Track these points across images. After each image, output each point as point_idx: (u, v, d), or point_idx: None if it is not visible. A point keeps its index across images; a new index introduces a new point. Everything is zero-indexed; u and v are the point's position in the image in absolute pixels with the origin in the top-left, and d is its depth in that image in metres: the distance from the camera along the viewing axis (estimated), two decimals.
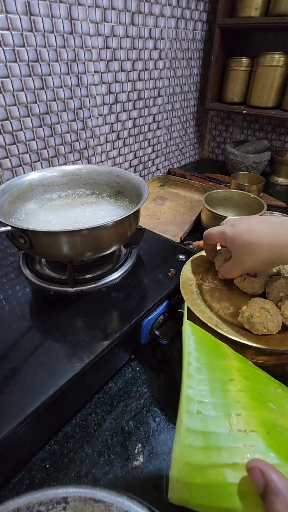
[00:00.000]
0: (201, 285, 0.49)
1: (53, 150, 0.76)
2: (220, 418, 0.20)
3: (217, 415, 0.20)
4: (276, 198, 0.95)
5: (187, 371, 0.23)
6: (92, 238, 0.45)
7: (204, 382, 0.22)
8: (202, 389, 0.22)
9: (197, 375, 0.23)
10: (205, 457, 0.17)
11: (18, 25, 0.59)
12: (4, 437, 0.30)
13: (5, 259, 0.56)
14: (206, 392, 0.22)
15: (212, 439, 0.19)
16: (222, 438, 0.19)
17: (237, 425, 0.20)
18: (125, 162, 0.99)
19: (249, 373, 0.25)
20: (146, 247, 0.60)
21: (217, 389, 0.22)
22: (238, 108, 1.06)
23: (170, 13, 0.88)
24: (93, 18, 0.70)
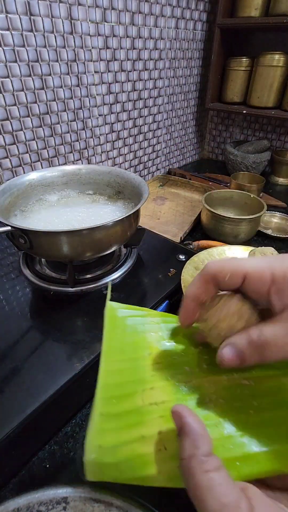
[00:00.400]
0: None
1: (53, 150, 0.76)
2: (134, 395, 0.21)
3: (131, 393, 0.21)
4: (276, 198, 0.95)
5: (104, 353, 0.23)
6: (92, 238, 0.45)
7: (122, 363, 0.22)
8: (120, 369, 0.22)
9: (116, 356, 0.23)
10: (116, 437, 0.18)
11: (18, 25, 0.59)
12: (4, 437, 0.30)
13: (5, 259, 0.56)
14: (124, 373, 0.22)
15: (123, 419, 0.19)
16: (133, 416, 0.20)
17: (149, 399, 0.21)
18: (125, 162, 0.99)
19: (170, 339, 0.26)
20: (146, 247, 0.60)
21: (135, 367, 0.22)
22: (238, 108, 1.06)
23: (170, 13, 0.88)
24: (93, 18, 0.70)
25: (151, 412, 0.20)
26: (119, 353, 0.23)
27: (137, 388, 0.21)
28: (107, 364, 0.22)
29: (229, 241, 0.71)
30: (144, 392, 0.21)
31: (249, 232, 0.72)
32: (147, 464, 0.18)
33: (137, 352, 0.23)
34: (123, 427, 0.19)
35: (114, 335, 0.24)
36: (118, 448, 0.18)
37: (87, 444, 0.18)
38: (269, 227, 0.82)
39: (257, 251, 0.53)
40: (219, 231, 0.71)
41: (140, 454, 0.18)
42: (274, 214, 0.87)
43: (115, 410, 0.20)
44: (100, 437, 0.18)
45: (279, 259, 0.20)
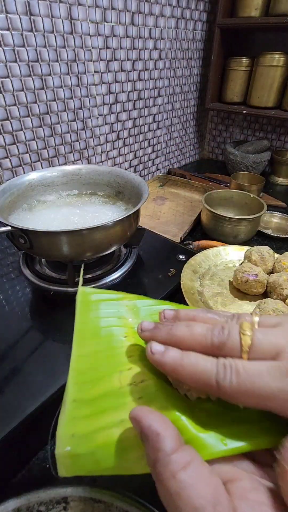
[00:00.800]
0: (202, 292, 0.49)
1: (53, 150, 0.76)
2: (111, 377, 0.19)
3: (107, 375, 0.19)
4: (276, 198, 0.95)
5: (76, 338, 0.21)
6: (92, 238, 0.45)
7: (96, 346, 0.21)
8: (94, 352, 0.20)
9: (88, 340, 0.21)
10: (91, 424, 0.17)
11: (18, 25, 0.59)
12: (4, 437, 0.30)
13: (5, 259, 0.56)
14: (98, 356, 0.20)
15: (99, 403, 0.18)
16: (110, 399, 0.18)
17: (126, 380, 0.19)
18: (125, 162, 0.99)
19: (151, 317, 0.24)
20: (146, 247, 0.60)
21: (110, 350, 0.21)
22: (238, 108, 1.06)
23: (170, 13, 0.88)
24: (93, 18, 0.70)
25: (130, 393, 0.18)
26: (92, 337, 0.22)
27: (114, 370, 0.20)
28: (79, 349, 0.20)
29: (229, 241, 0.71)
30: (122, 374, 0.19)
31: (249, 232, 0.72)
32: (127, 449, 0.16)
33: (112, 335, 0.22)
34: (99, 412, 0.17)
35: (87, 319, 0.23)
36: (93, 435, 0.16)
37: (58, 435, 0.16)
38: (269, 227, 0.82)
39: (253, 251, 0.53)
40: (219, 231, 0.71)
41: (119, 439, 0.16)
42: (274, 214, 0.87)
43: (90, 395, 0.18)
44: (73, 426, 0.17)
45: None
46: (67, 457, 0.16)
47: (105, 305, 0.24)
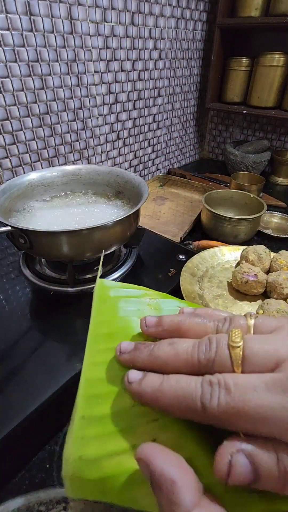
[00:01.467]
0: (203, 295, 0.49)
1: (53, 150, 0.76)
2: (121, 393, 0.17)
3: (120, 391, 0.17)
4: (276, 198, 0.95)
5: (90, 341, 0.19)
6: (92, 238, 0.45)
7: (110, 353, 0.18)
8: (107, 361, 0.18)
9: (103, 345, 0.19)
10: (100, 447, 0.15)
11: (18, 25, 0.59)
12: (4, 437, 0.30)
13: (5, 259, 0.56)
14: (111, 365, 0.18)
15: (110, 422, 0.16)
16: (122, 418, 0.16)
17: None
18: (125, 162, 0.99)
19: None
20: (146, 247, 0.60)
21: None
22: (238, 108, 1.06)
23: (170, 13, 0.88)
24: (93, 18, 0.70)
25: (143, 415, 0.16)
26: (107, 341, 0.19)
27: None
28: (91, 355, 0.18)
29: (229, 241, 0.71)
30: None
31: (249, 232, 0.72)
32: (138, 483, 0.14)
33: (127, 336, 0.19)
34: (108, 433, 0.15)
35: (103, 319, 0.20)
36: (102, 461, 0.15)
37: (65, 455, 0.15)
38: (269, 227, 0.82)
39: (249, 250, 0.53)
40: (219, 231, 0.71)
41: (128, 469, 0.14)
42: (274, 214, 0.87)
43: (100, 411, 0.16)
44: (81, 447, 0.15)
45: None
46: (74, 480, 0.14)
47: (125, 303, 0.21)
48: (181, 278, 0.50)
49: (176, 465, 0.13)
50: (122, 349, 0.17)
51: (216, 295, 0.49)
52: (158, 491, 0.12)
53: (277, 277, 0.47)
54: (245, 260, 0.52)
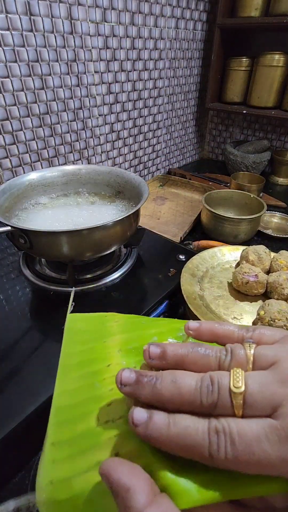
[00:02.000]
0: (203, 296, 0.49)
1: (53, 150, 0.76)
2: (90, 415, 0.18)
3: (87, 413, 0.18)
4: (276, 198, 0.95)
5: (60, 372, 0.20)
6: (92, 238, 0.45)
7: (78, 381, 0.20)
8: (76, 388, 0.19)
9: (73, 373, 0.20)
10: (70, 468, 0.16)
11: (18, 25, 0.59)
12: (4, 437, 0.30)
13: (5, 259, 0.56)
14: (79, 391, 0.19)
15: (78, 443, 0.17)
16: (88, 437, 0.17)
17: (105, 416, 0.18)
18: (125, 162, 0.99)
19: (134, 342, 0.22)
20: (146, 247, 0.60)
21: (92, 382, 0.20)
22: (238, 108, 1.06)
23: (170, 13, 0.88)
24: (93, 18, 0.70)
25: (107, 431, 0.17)
26: (76, 369, 0.20)
27: (93, 407, 0.18)
28: (61, 384, 0.19)
29: (229, 241, 0.71)
30: (101, 410, 0.18)
31: (249, 232, 0.72)
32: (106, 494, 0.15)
33: (95, 364, 0.21)
34: (77, 453, 0.16)
35: (72, 351, 0.22)
36: (72, 480, 0.16)
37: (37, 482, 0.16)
38: (269, 227, 0.82)
39: (249, 251, 0.53)
40: (219, 231, 0.71)
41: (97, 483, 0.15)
42: (274, 214, 0.87)
43: (68, 435, 0.17)
44: (51, 471, 0.16)
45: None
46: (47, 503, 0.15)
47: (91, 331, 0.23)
48: (182, 279, 0.50)
49: (131, 474, 0.14)
50: (123, 381, 0.17)
51: (217, 296, 0.49)
52: (116, 498, 0.14)
53: (277, 278, 0.47)
54: (245, 260, 0.52)
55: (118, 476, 0.14)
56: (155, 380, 0.16)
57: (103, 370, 0.20)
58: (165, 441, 0.15)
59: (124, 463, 0.14)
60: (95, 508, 0.15)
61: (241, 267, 0.49)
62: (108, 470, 0.14)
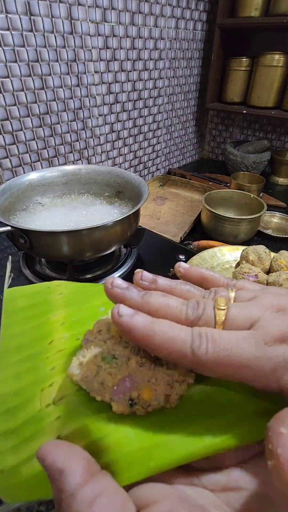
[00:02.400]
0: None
1: (53, 150, 0.76)
2: (33, 399, 0.17)
3: (30, 398, 0.17)
4: (276, 198, 0.95)
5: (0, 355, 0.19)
6: (92, 238, 0.45)
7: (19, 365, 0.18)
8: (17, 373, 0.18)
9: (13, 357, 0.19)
10: (17, 456, 0.16)
11: (18, 25, 0.59)
12: None
13: (5, 259, 0.56)
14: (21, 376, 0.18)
15: (22, 430, 0.16)
16: (32, 423, 0.16)
17: (47, 399, 0.17)
18: (125, 162, 0.99)
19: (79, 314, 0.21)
20: (146, 247, 0.60)
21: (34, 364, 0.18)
22: (238, 108, 1.06)
23: (170, 13, 0.88)
24: (93, 18, 0.70)
25: (48, 415, 0.16)
26: (16, 353, 0.19)
27: (36, 390, 0.17)
28: (1, 372, 0.18)
29: (229, 241, 0.71)
30: (43, 392, 0.17)
31: (249, 232, 0.72)
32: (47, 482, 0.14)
33: (37, 344, 0.19)
34: (23, 441, 0.16)
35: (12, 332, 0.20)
36: (20, 468, 0.15)
37: None
38: (269, 227, 0.82)
39: (249, 250, 0.53)
40: (219, 231, 0.71)
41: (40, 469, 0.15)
42: (274, 214, 0.87)
43: (14, 423, 0.16)
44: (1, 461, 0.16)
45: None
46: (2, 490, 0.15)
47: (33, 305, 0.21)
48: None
49: (66, 455, 0.13)
50: (115, 284, 0.17)
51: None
52: (51, 482, 0.13)
53: (277, 278, 0.47)
54: (245, 260, 0.52)
55: (52, 459, 0.13)
56: (144, 292, 0.17)
57: (46, 349, 0.19)
58: (148, 334, 0.15)
59: (61, 445, 0.14)
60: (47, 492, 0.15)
61: (241, 267, 0.49)
62: (43, 453, 0.14)
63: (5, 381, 0.18)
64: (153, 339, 0.15)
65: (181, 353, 0.15)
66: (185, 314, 0.16)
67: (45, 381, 0.17)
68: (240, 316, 0.16)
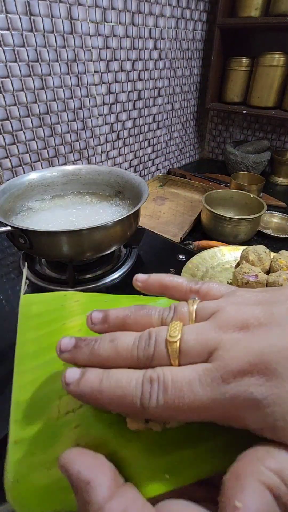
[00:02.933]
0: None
1: (53, 150, 0.76)
2: (50, 406, 0.17)
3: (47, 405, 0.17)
4: (276, 198, 0.95)
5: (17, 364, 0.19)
6: (92, 238, 0.45)
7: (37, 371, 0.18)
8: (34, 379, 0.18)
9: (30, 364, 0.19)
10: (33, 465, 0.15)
11: (18, 25, 0.59)
12: (4, 437, 0.30)
13: (5, 259, 0.56)
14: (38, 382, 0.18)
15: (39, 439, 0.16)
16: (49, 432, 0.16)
17: (65, 407, 0.16)
18: (125, 162, 0.99)
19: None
20: (146, 247, 0.60)
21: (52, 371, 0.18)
22: (238, 108, 1.06)
23: (170, 13, 0.88)
24: (93, 18, 0.70)
25: (67, 423, 0.16)
26: (33, 359, 0.19)
27: (54, 397, 0.17)
28: (19, 377, 0.18)
29: (229, 241, 0.71)
30: (61, 400, 0.17)
31: (249, 232, 0.72)
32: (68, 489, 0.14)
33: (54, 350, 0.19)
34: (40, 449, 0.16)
35: (28, 338, 0.20)
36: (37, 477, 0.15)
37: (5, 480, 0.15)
38: (269, 227, 0.82)
39: (249, 250, 0.53)
40: (219, 231, 0.71)
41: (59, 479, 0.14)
42: (274, 214, 0.87)
43: (31, 431, 0.16)
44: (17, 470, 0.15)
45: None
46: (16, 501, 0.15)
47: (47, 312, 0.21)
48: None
49: (92, 465, 0.13)
50: (62, 348, 0.16)
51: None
52: (75, 493, 0.13)
53: (277, 278, 0.47)
54: (245, 260, 0.52)
55: (77, 469, 0.13)
56: (93, 342, 0.16)
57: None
58: (96, 396, 0.14)
59: (85, 454, 0.14)
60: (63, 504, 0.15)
61: (241, 267, 0.49)
62: (66, 462, 0.13)
63: (22, 388, 0.18)
64: (101, 400, 0.14)
65: (131, 408, 0.14)
66: (136, 356, 0.15)
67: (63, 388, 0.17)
68: (196, 347, 0.14)
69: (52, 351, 0.18)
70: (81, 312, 0.21)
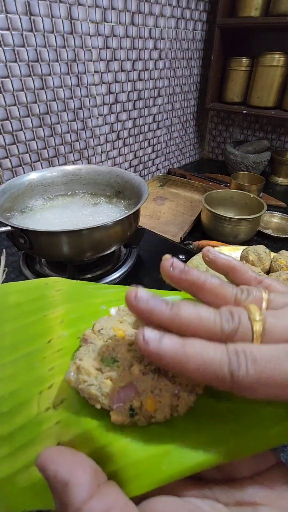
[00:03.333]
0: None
1: (53, 150, 0.76)
2: (30, 402, 0.16)
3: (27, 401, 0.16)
4: (276, 198, 0.95)
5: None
6: (92, 238, 0.45)
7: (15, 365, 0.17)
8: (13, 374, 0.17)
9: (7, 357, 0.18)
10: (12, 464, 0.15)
11: (18, 25, 0.59)
12: None
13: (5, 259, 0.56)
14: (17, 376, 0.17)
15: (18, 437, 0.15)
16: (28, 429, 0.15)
17: (45, 403, 0.15)
18: (125, 162, 0.99)
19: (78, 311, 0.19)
20: (146, 247, 0.60)
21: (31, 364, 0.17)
22: (238, 108, 1.06)
23: (170, 13, 0.88)
24: (93, 18, 0.70)
25: (48, 419, 0.15)
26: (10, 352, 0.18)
27: (33, 392, 0.16)
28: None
29: (229, 241, 0.71)
30: (42, 395, 0.16)
31: (249, 232, 0.72)
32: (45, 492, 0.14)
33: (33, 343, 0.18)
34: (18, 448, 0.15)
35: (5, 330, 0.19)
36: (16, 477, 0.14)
37: None
38: (269, 227, 0.82)
39: (249, 251, 0.53)
40: (219, 231, 0.71)
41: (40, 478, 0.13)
42: (274, 214, 0.87)
43: (8, 429, 0.15)
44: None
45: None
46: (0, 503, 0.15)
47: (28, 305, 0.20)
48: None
49: (70, 464, 0.12)
50: (139, 297, 0.15)
51: None
52: (53, 494, 0.12)
53: (277, 278, 0.47)
54: (245, 261, 0.52)
55: (55, 469, 0.12)
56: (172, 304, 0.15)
57: (43, 348, 0.17)
58: (181, 360, 0.13)
59: (64, 452, 0.13)
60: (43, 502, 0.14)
61: None
62: (43, 462, 0.12)
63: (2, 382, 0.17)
64: (186, 364, 0.13)
65: (219, 377, 0.13)
66: (220, 328, 0.14)
67: (43, 382, 0.16)
68: (279, 328, 0.14)
69: (31, 344, 0.18)
70: (63, 302, 0.20)
